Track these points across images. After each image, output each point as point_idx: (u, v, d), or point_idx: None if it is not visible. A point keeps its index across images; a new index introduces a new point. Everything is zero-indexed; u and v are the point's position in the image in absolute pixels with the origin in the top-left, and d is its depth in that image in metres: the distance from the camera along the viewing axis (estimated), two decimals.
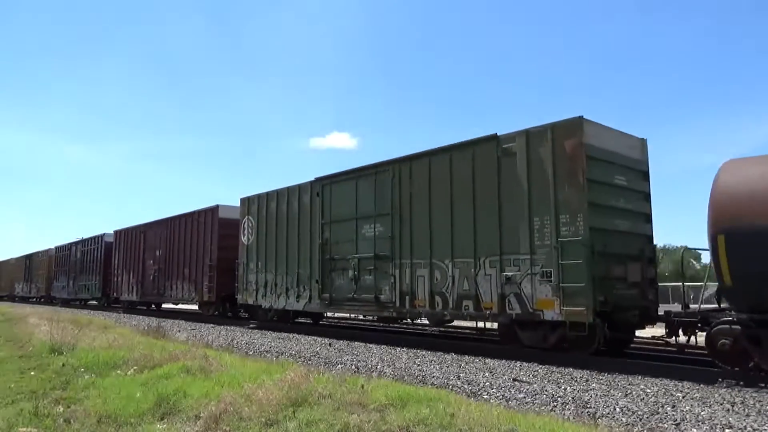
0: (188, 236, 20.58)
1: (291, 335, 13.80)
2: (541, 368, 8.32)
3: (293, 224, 14.64)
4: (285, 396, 5.37)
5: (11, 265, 48.24)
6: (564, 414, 5.63)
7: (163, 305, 26.34)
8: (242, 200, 16.96)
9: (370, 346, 11.31)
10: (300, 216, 14.44)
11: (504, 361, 9.03)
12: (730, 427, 5.02)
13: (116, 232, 27.37)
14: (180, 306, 25.44)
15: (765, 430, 4.98)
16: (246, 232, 16.62)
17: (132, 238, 25.63)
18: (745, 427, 5.02)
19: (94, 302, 31.70)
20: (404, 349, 10.70)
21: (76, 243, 32.72)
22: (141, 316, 22.19)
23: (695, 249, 12.37)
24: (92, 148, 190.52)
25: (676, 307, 10.14)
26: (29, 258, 42.69)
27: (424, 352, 10.16)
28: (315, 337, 13.03)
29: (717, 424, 5.12)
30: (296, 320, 16.17)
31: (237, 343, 12.13)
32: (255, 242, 16.11)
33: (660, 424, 5.15)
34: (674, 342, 8.60)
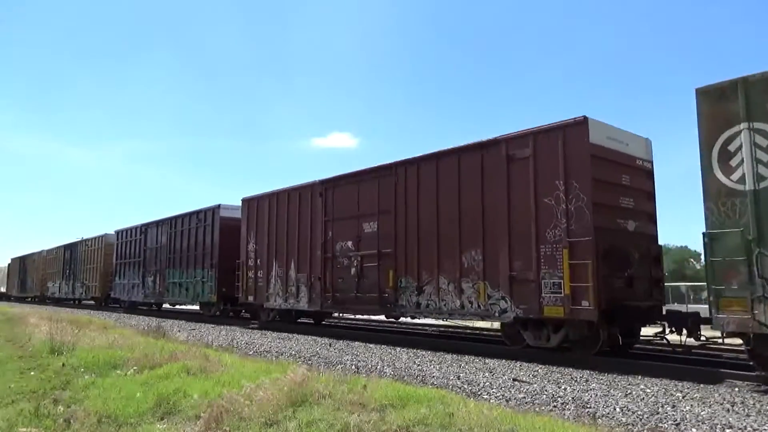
0: (475, 191, 10.38)
1: (291, 335, 13.80)
2: (541, 368, 8.32)
3: None
4: (285, 396, 5.36)
5: (43, 259, 38.82)
6: (564, 414, 5.63)
7: (351, 318, 17.75)
8: (712, 91, 7.56)
9: (370, 346, 11.31)
10: None
11: (504, 361, 9.03)
12: (730, 427, 5.02)
13: (247, 201, 17.08)
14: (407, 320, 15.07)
15: (765, 430, 4.98)
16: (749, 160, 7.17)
17: (288, 206, 15.27)
18: (745, 427, 5.02)
19: (195, 308, 22.17)
20: (404, 349, 10.70)
21: (157, 223, 23.30)
22: (141, 316, 21.89)
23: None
24: (93, 150, 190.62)
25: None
26: (70, 249, 33.53)
27: (424, 352, 10.16)
28: (315, 338, 13.02)
29: (717, 424, 5.12)
30: None
31: (237, 343, 12.12)
32: None
33: (660, 424, 5.15)
34: None
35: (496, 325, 11.39)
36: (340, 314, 17.57)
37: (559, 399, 6.20)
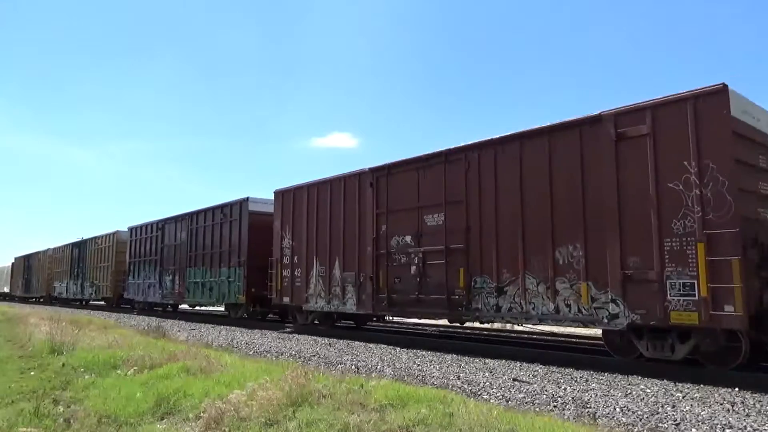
0: (572, 176, 8.94)
1: (291, 335, 13.81)
2: (541, 368, 8.33)
3: None
4: (285, 396, 5.37)
5: (49, 258, 37.29)
6: (564, 414, 5.63)
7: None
8: None
9: (370, 346, 11.31)
10: None
11: (504, 361, 9.03)
12: (730, 427, 5.02)
13: (281, 193, 15.46)
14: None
15: (765, 430, 4.98)
16: None
17: (331, 197, 13.64)
18: (745, 427, 5.02)
19: (220, 310, 20.73)
20: (404, 349, 10.70)
21: (175, 218, 21.63)
22: (141, 316, 21.88)
23: None
24: (93, 150, 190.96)
25: None
26: (78, 247, 32.18)
27: (424, 352, 10.16)
28: (315, 338, 13.03)
29: (717, 424, 5.12)
30: None
31: (237, 343, 12.13)
32: None
33: (660, 424, 5.15)
34: None
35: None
36: (392, 317, 15.45)
37: (559, 399, 6.20)
